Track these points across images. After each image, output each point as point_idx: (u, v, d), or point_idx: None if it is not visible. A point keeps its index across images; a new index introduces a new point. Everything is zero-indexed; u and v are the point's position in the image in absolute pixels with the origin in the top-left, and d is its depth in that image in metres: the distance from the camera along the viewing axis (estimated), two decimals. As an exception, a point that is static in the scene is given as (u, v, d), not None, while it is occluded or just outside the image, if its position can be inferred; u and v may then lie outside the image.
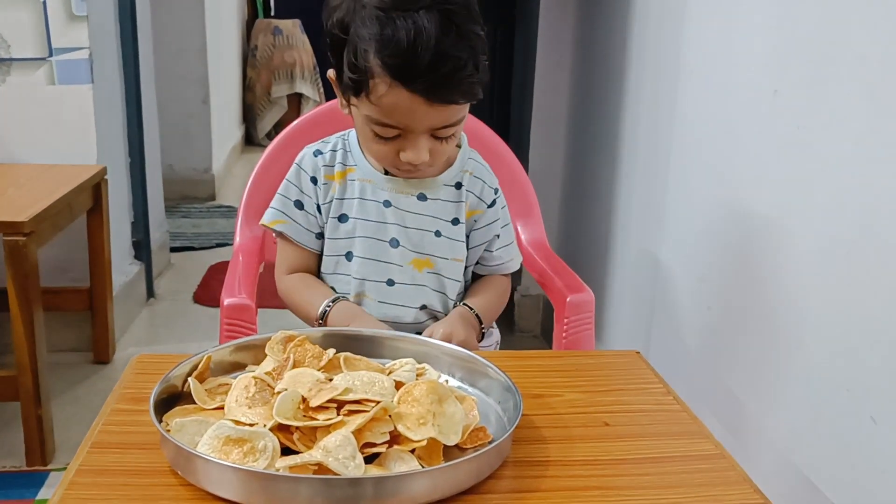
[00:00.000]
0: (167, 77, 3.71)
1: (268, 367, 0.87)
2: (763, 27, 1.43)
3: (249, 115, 5.68)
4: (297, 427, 0.75)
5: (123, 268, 2.75)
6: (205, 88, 4.31)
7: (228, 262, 1.39)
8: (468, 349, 1.05)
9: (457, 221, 1.22)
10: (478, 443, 0.80)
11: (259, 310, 1.28)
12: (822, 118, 1.25)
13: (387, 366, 0.89)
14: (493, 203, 1.25)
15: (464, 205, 1.22)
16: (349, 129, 1.24)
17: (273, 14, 6.01)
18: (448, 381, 0.91)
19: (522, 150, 2.59)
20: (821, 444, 1.24)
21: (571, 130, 2.56)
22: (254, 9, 5.88)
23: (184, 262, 3.41)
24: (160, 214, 3.25)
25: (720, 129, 1.58)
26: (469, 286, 1.28)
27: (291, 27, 5.66)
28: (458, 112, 1.09)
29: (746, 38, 1.49)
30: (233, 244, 1.46)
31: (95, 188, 2.31)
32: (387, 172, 1.20)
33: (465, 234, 1.24)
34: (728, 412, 1.51)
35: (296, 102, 5.73)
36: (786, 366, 1.34)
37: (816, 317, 1.26)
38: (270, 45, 5.59)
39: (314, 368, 0.85)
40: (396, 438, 0.76)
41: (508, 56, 2.71)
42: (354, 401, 0.77)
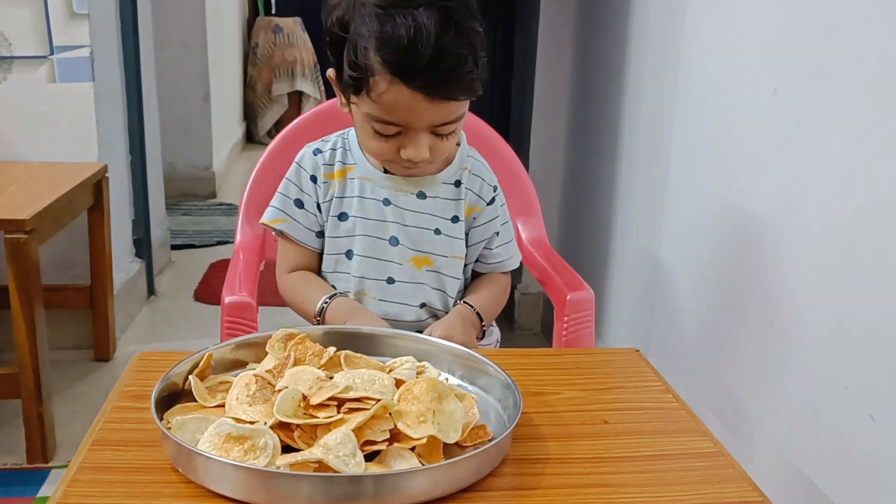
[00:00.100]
0: (168, 75, 3.71)
1: (268, 365, 0.87)
2: (763, 26, 1.43)
3: (250, 113, 5.68)
4: (298, 425, 0.76)
5: (124, 265, 2.75)
6: (205, 86, 4.31)
7: (229, 260, 1.40)
8: None
9: (456, 219, 1.22)
10: (478, 440, 0.80)
11: (260, 308, 1.28)
12: (822, 116, 1.25)
13: (387, 364, 0.90)
14: (493, 200, 1.25)
15: (463, 202, 1.22)
16: (349, 128, 1.24)
17: (274, 12, 6.01)
18: (448, 379, 0.91)
19: (523, 149, 2.59)
20: (819, 442, 1.24)
21: (572, 129, 2.56)
22: (254, 7, 5.88)
23: (184, 260, 3.41)
24: (161, 212, 3.25)
25: (720, 128, 1.58)
26: (469, 284, 1.28)
27: (292, 25, 5.66)
28: (458, 109, 1.10)
29: (746, 37, 1.49)
30: (234, 242, 1.46)
31: (96, 186, 2.31)
32: (386, 171, 1.20)
33: (465, 232, 1.24)
34: (727, 410, 1.51)
35: (296, 100, 5.72)
36: (785, 363, 1.34)
37: (815, 315, 1.26)
38: (271, 43, 5.59)
39: (315, 366, 0.85)
40: (396, 436, 0.76)
41: (509, 54, 2.71)
42: (355, 399, 0.77)
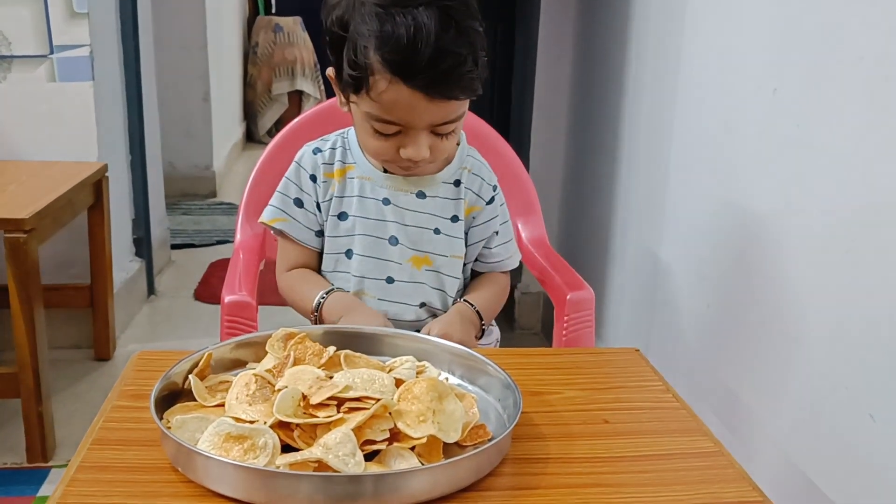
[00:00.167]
0: (168, 74, 3.71)
1: (268, 365, 0.87)
2: (763, 25, 1.43)
3: (250, 113, 5.68)
4: (298, 424, 0.75)
5: (124, 265, 2.75)
6: (206, 85, 4.31)
7: (229, 260, 1.40)
8: None
9: (456, 219, 1.22)
10: (477, 440, 0.80)
11: (259, 307, 1.28)
12: (822, 116, 1.25)
13: (387, 363, 0.90)
14: (492, 200, 1.25)
15: (462, 202, 1.22)
16: (348, 128, 1.24)
17: (274, 11, 6.01)
18: (448, 379, 0.91)
19: (523, 148, 2.59)
20: (819, 442, 1.24)
21: (572, 128, 2.56)
22: (255, 6, 5.88)
23: (184, 259, 3.41)
24: (161, 211, 3.25)
25: (720, 127, 1.58)
26: (468, 283, 1.28)
27: (292, 24, 5.66)
28: (458, 108, 1.10)
29: (746, 37, 1.49)
30: (233, 241, 1.46)
31: (96, 185, 2.31)
32: (386, 170, 1.20)
33: (464, 232, 1.24)
34: (727, 409, 1.51)
35: (296, 100, 5.72)
36: (785, 363, 1.34)
37: (815, 314, 1.26)
38: (271, 43, 5.58)
39: (314, 366, 0.85)
40: (396, 436, 0.76)
41: (509, 54, 2.71)
42: (354, 398, 0.77)
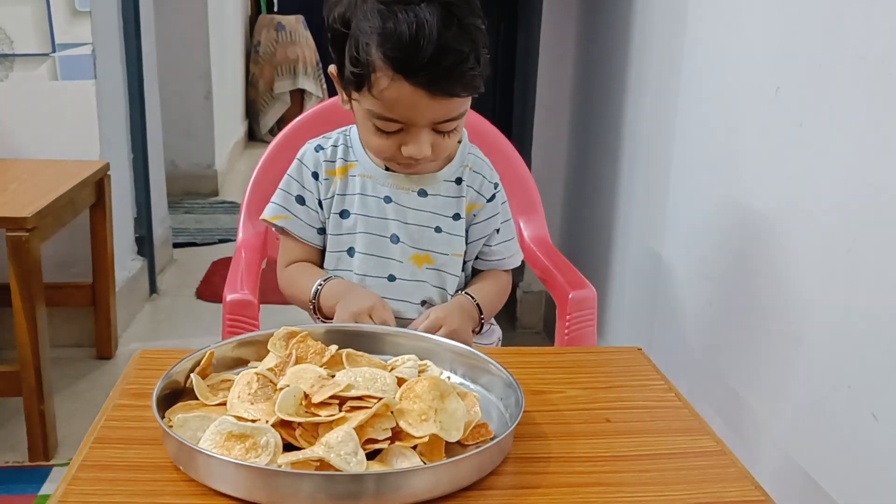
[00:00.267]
0: (170, 73, 3.71)
1: (270, 364, 0.87)
2: (765, 24, 1.43)
3: (252, 111, 5.68)
4: (300, 423, 0.75)
5: (126, 263, 2.75)
6: (208, 84, 4.31)
7: (231, 258, 1.40)
8: (460, 339, 1.05)
9: (458, 216, 1.22)
10: (479, 439, 0.80)
11: (261, 306, 1.28)
12: (824, 115, 1.25)
13: (389, 362, 0.90)
14: (493, 198, 1.25)
15: (464, 200, 1.22)
16: (350, 125, 1.24)
17: (276, 10, 6.00)
18: (450, 378, 0.91)
19: (525, 147, 2.59)
20: (822, 441, 1.24)
21: (574, 127, 2.55)
22: (257, 4, 5.87)
23: (186, 258, 3.41)
24: (163, 210, 3.24)
25: (722, 126, 1.58)
26: (469, 281, 1.28)
27: (294, 23, 5.66)
28: (460, 105, 1.09)
29: (749, 36, 1.49)
30: (235, 240, 1.46)
31: (98, 184, 2.31)
32: (387, 168, 1.20)
33: (465, 229, 1.24)
34: (729, 409, 1.51)
35: (298, 98, 5.72)
36: (787, 362, 1.34)
37: (818, 313, 1.26)
38: (273, 41, 5.58)
39: (316, 365, 0.85)
40: (398, 435, 0.76)
41: (511, 52, 2.70)
42: (356, 397, 0.77)
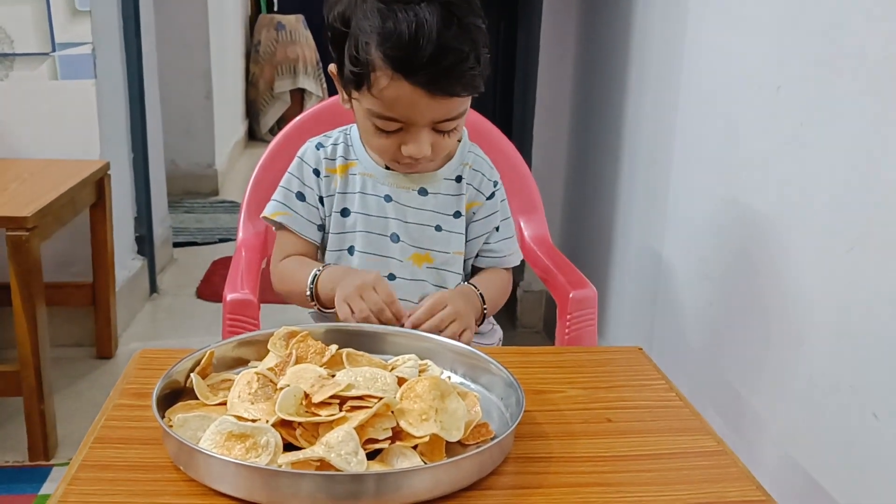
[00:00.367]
0: (170, 72, 3.71)
1: (270, 363, 0.87)
2: (766, 23, 1.43)
3: (252, 111, 5.68)
4: (300, 423, 0.75)
5: (126, 263, 2.75)
6: (208, 84, 4.31)
7: (231, 258, 1.40)
8: (463, 322, 1.04)
9: (458, 214, 1.22)
10: (480, 439, 0.80)
11: (262, 305, 1.28)
12: (826, 115, 1.25)
13: (389, 362, 0.89)
14: (492, 195, 1.24)
15: (464, 198, 1.22)
16: (351, 124, 1.24)
17: (276, 9, 6.00)
18: (450, 378, 0.91)
19: (525, 146, 2.59)
20: (823, 441, 1.24)
21: (574, 126, 2.55)
22: (257, 4, 5.87)
23: (187, 258, 3.41)
24: (163, 210, 3.24)
25: (723, 126, 1.58)
26: (469, 278, 1.28)
27: (294, 22, 5.66)
28: (460, 105, 1.09)
29: (750, 34, 1.49)
30: (236, 239, 1.46)
31: (98, 183, 2.31)
32: (388, 167, 1.20)
33: (465, 227, 1.24)
34: (730, 408, 1.51)
35: (299, 98, 5.72)
36: (788, 362, 1.34)
37: (819, 313, 1.26)
38: (273, 41, 5.58)
39: (317, 364, 0.85)
40: (399, 434, 0.76)
41: (511, 52, 2.70)
42: (357, 397, 0.77)
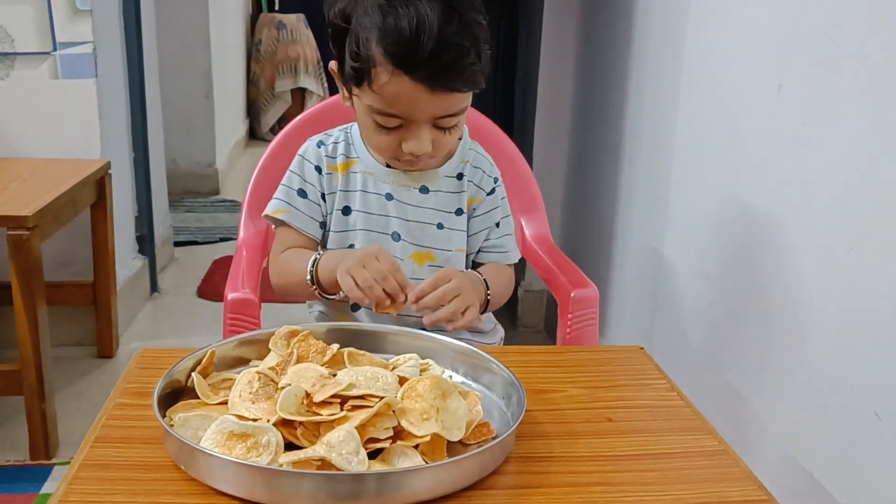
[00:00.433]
0: (171, 71, 3.71)
1: (271, 362, 0.87)
2: (768, 22, 1.43)
3: (253, 110, 5.68)
4: (301, 422, 0.75)
5: (127, 262, 2.75)
6: (209, 83, 4.31)
7: (232, 257, 1.40)
8: (467, 300, 1.04)
9: (460, 212, 1.22)
10: (481, 438, 0.80)
11: (262, 304, 1.28)
12: (827, 114, 1.24)
13: (390, 361, 0.89)
14: (493, 191, 1.24)
15: (465, 195, 1.22)
16: (351, 123, 1.24)
17: (277, 9, 6.00)
18: (451, 377, 0.91)
19: (526, 146, 2.58)
20: (824, 440, 1.24)
21: (575, 126, 2.55)
22: (258, 3, 5.87)
23: (187, 257, 3.41)
24: (164, 209, 3.24)
25: (724, 125, 1.58)
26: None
27: (295, 22, 5.66)
28: (461, 101, 1.09)
29: (751, 33, 1.49)
30: (236, 239, 1.46)
31: (99, 182, 2.31)
32: (389, 165, 1.20)
33: (467, 224, 1.23)
34: (731, 408, 1.51)
35: (299, 97, 5.72)
36: (789, 361, 1.34)
37: (820, 313, 1.26)
38: (274, 40, 5.58)
39: (318, 363, 0.85)
40: (400, 434, 0.76)
41: (512, 51, 2.70)
42: (358, 396, 0.77)
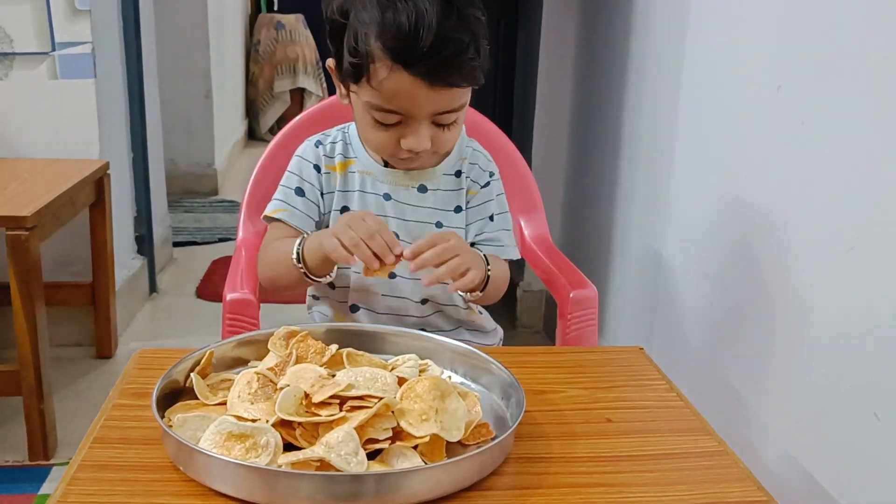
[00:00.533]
0: (170, 72, 3.70)
1: (270, 363, 0.87)
2: (768, 22, 1.43)
3: (252, 110, 5.68)
4: (300, 423, 0.75)
5: (126, 262, 2.75)
6: (207, 83, 4.31)
7: (231, 257, 1.39)
8: (467, 262, 1.02)
9: (459, 209, 1.22)
10: (480, 439, 0.80)
11: (261, 305, 1.28)
12: (826, 114, 1.24)
13: (389, 362, 0.89)
14: (487, 184, 1.23)
15: (464, 192, 1.22)
16: (349, 123, 1.24)
17: (276, 9, 6.01)
18: (451, 378, 0.91)
19: (525, 146, 2.58)
20: (824, 441, 1.24)
21: (574, 126, 2.55)
22: (256, 3, 5.87)
23: (186, 257, 3.41)
24: (163, 209, 3.24)
25: (723, 125, 1.58)
26: None
27: (294, 22, 5.66)
28: (460, 97, 1.08)
29: (750, 33, 1.49)
30: (235, 239, 1.46)
31: (98, 183, 2.31)
32: (387, 164, 1.20)
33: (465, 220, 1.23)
34: (731, 408, 1.51)
35: (298, 97, 5.72)
36: (789, 362, 1.34)
37: (819, 313, 1.26)
38: (273, 40, 5.58)
39: (317, 364, 0.85)
40: (399, 435, 0.76)
41: (511, 51, 2.70)
42: (357, 397, 0.77)
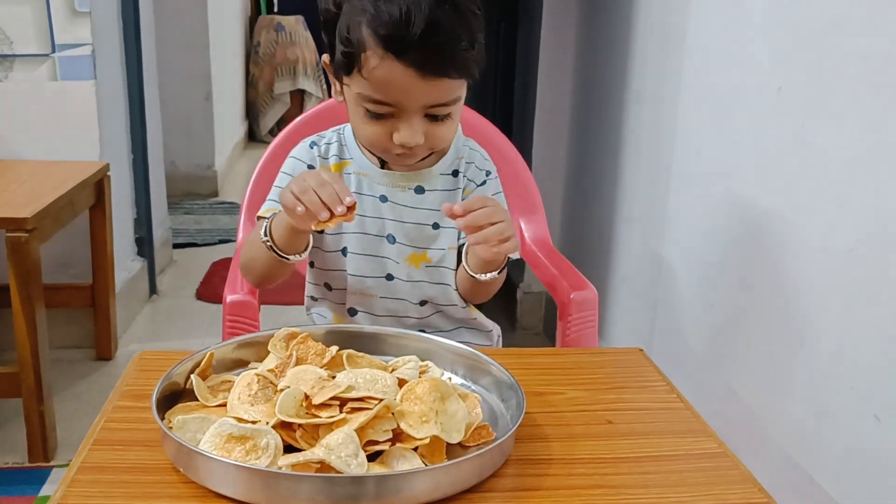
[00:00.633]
0: (170, 73, 3.70)
1: (270, 365, 0.87)
2: (767, 24, 1.43)
3: (252, 112, 5.68)
4: (300, 424, 0.75)
5: (126, 264, 2.75)
6: (208, 85, 4.31)
7: (231, 259, 1.39)
8: (508, 222, 1.00)
9: None
10: (480, 441, 0.80)
11: (261, 307, 1.28)
12: (827, 115, 1.24)
13: (389, 363, 0.89)
14: (483, 183, 1.22)
15: (461, 191, 1.21)
16: (345, 124, 1.23)
17: (276, 10, 6.01)
18: (451, 379, 0.91)
19: (525, 147, 2.58)
20: (824, 443, 1.24)
21: (575, 127, 2.55)
22: (256, 5, 5.88)
23: (186, 259, 3.41)
24: (163, 211, 3.24)
25: (724, 127, 1.58)
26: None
27: (294, 24, 5.66)
28: (453, 90, 1.06)
29: (750, 35, 1.49)
30: (235, 241, 1.46)
31: (98, 184, 2.31)
32: (383, 165, 1.19)
33: None
34: (731, 410, 1.51)
35: (298, 99, 5.72)
36: (789, 364, 1.33)
37: (820, 315, 1.26)
38: (273, 42, 5.59)
39: (317, 366, 0.85)
40: (399, 436, 0.76)
41: (511, 52, 2.70)
42: (357, 398, 0.77)
